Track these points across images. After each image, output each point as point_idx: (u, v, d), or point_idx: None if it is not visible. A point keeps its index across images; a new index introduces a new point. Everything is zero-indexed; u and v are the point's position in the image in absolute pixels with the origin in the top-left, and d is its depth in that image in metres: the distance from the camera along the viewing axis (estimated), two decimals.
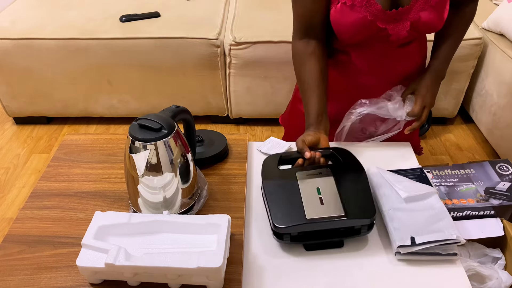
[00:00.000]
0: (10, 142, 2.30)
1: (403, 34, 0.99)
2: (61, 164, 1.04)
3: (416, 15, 0.96)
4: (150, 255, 0.74)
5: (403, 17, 0.97)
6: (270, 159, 0.99)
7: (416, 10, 0.96)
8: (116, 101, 2.28)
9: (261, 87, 2.19)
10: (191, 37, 2.05)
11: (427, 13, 0.96)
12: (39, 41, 2.08)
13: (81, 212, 0.92)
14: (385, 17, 0.96)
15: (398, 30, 0.98)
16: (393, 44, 1.04)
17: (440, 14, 0.98)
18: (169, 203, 0.87)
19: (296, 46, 1.06)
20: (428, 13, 0.96)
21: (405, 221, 0.87)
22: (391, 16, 0.96)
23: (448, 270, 0.83)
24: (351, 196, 0.87)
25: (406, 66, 1.11)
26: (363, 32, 0.98)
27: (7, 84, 2.22)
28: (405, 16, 0.97)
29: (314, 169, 0.93)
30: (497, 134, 2.03)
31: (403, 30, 0.98)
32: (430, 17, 0.97)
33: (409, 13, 0.96)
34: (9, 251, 0.83)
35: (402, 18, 0.97)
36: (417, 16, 0.96)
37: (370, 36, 0.99)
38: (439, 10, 0.97)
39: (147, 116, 0.82)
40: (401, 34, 0.99)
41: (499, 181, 1.08)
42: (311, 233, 0.85)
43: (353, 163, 0.96)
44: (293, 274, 0.82)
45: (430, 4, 0.95)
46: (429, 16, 0.96)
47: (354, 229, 0.85)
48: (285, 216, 0.84)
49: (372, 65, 1.09)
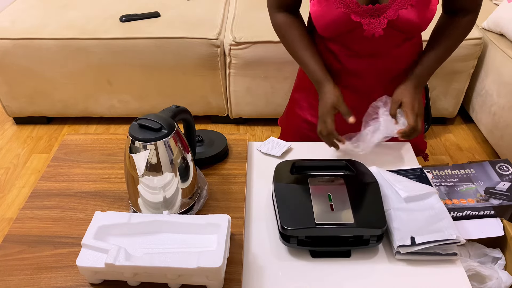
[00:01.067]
0: (10, 142, 2.30)
1: (378, 31, 0.97)
2: (61, 164, 1.04)
3: (394, 13, 0.94)
4: (150, 255, 0.74)
5: (380, 14, 0.95)
6: (283, 164, 0.98)
7: (395, 8, 0.94)
8: (116, 101, 2.28)
9: (261, 87, 2.19)
10: (191, 37, 2.05)
11: (406, 12, 0.94)
12: (39, 41, 2.07)
13: (81, 212, 0.92)
14: (359, 11, 0.94)
15: (373, 26, 0.96)
16: (380, 44, 1.02)
17: (422, 13, 0.95)
18: (169, 203, 0.87)
19: (276, 19, 1.09)
20: (407, 12, 0.94)
21: (405, 221, 0.87)
22: (366, 11, 0.95)
23: (448, 270, 0.83)
24: (362, 205, 0.86)
25: (398, 68, 1.10)
26: (338, 24, 0.97)
27: (7, 84, 2.22)
28: (383, 13, 0.95)
29: (326, 177, 0.93)
30: (497, 134, 2.03)
31: (379, 27, 0.96)
32: (410, 16, 0.94)
33: (387, 10, 0.94)
34: (9, 251, 0.83)
35: (379, 14, 0.95)
36: (396, 14, 0.94)
37: (346, 30, 0.99)
38: (420, 9, 0.94)
39: (147, 116, 0.82)
40: (376, 31, 0.97)
41: (499, 181, 1.08)
42: (319, 239, 0.84)
43: (366, 174, 0.95)
44: (293, 274, 0.82)
45: (410, 2, 0.93)
46: (409, 15, 0.94)
47: (363, 239, 0.84)
48: (294, 218, 0.84)
49: (361, 67, 1.08)
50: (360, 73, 1.09)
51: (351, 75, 1.10)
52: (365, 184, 0.92)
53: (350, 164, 0.98)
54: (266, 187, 1.00)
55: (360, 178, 0.94)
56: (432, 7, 0.96)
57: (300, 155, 1.10)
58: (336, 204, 0.86)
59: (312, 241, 0.84)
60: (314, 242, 0.84)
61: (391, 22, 0.96)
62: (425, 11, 0.95)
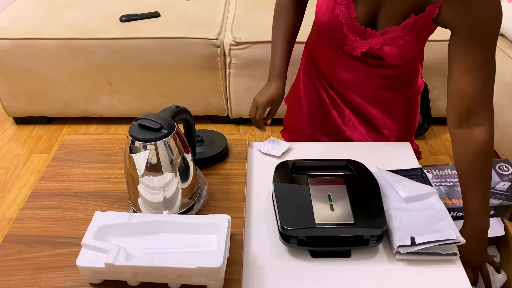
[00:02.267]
0: (10, 142, 2.30)
1: (356, 52, 1.00)
2: (61, 164, 1.04)
3: (378, 44, 0.96)
4: (150, 255, 0.74)
5: (366, 37, 0.97)
6: (283, 164, 0.98)
7: (381, 41, 0.95)
8: (116, 101, 2.28)
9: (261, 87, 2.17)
10: (191, 37, 2.05)
11: (390, 48, 0.96)
12: (39, 41, 2.07)
13: (81, 212, 0.92)
14: (353, 27, 0.96)
15: (356, 45, 0.99)
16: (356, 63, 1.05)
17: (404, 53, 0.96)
18: (169, 203, 0.87)
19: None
20: (390, 49, 0.95)
21: (405, 221, 0.87)
22: (357, 29, 0.96)
23: (448, 270, 0.83)
24: (362, 206, 0.86)
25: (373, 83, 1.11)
26: (330, 27, 0.99)
27: (7, 84, 2.21)
28: (368, 39, 0.97)
29: (327, 177, 0.93)
30: (497, 134, 2.02)
31: (359, 49, 0.99)
32: (392, 52, 0.96)
33: (374, 38, 0.96)
34: (9, 251, 0.83)
35: (365, 37, 0.97)
36: (379, 45, 0.96)
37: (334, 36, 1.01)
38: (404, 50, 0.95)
39: (147, 116, 0.82)
40: (355, 51, 1.00)
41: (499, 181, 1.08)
42: (319, 239, 0.84)
43: (366, 174, 0.95)
44: (293, 274, 0.82)
45: (396, 43, 0.94)
46: (391, 51, 0.96)
47: (363, 239, 0.84)
48: (294, 218, 0.84)
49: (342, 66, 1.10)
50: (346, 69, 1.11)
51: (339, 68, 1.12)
52: (365, 184, 0.92)
53: (350, 164, 0.98)
54: (266, 187, 1.00)
55: (360, 178, 0.94)
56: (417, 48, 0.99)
57: (300, 155, 1.10)
58: (336, 204, 0.86)
59: (312, 241, 0.84)
60: (314, 242, 0.84)
61: (372, 49, 0.98)
62: (409, 52, 0.97)
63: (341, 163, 0.99)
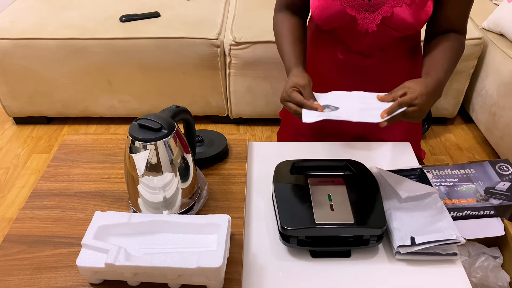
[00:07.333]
0: (10, 142, 2.30)
1: (372, 26, 0.98)
2: (61, 164, 1.04)
3: (389, 10, 0.96)
4: (150, 255, 0.74)
5: (375, 9, 0.97)
6: (283, 164, 0.98)
7: (390, 4, 0.95)
8: (116, 101, 2.28)
9: (261, 87, 2.19)
10: (191, 37, 2.05)
11: (401, 10, 0.95)
12: (39, 41, 2.08)
13: (81, 212, 0.92)
14: (355, 5, 0.96)
15: (367, 21, 0.98)
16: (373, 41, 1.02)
17: (416, 14, 0.96)
18: (169, 203, 0.87)
19: (276, 16, 1.12)
20: (402, 10, 0.95)
21: (405, 221, 0.87)
22: (362, 5, 0.96)
23: (448, 270, 0.83)
24: (362, 205, 0.86)
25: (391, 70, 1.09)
26: (334, 17, 0.98)
27: (7, 84, 2.21)
28: (378, 9, 0.97)
29: (326, 177, 0.93)
30: (497, 134, 2.03)
31: (373, 23, 0.98)
32: (404, 15, 0.95)
33: (382, 6, 0.96)
34: (9, 251, 0.83)
35: (374, 10, 0.97)
36: (390, 11, 0.96)
37: (342, 24, 1.00)
38: (415, 9, 0.95)
39: (147, 116, 0.82)
40: (370, 26, 0.99)
41: (499, 181, 1.08)
42: (319, 239, 0.84)
43: (366, 174, 0.95)
44: (293, 274, 0.82)
45: (405, 1, 0.94)
46: (403, 14, 0.95)
47: (363, 239, 0.84)
48: (294, 218, 0.84)
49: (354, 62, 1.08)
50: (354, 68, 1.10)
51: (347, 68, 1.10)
52: (365, 184, 0.92)
53: (350, 164, 0.98)
54: (266, 187, 1.00)
55: (360, 178, 0.94)
56: (427, 9, 0.97)
57: (300, 155, 1.10)
58: (336, 204, 0.86)
59: (312, 241, 0.84)
60: (314, 242, 0.84)
61: (385, 19, 0.97)
62: (420, 11, 0.96)
63: (341, 163, 0.99)
